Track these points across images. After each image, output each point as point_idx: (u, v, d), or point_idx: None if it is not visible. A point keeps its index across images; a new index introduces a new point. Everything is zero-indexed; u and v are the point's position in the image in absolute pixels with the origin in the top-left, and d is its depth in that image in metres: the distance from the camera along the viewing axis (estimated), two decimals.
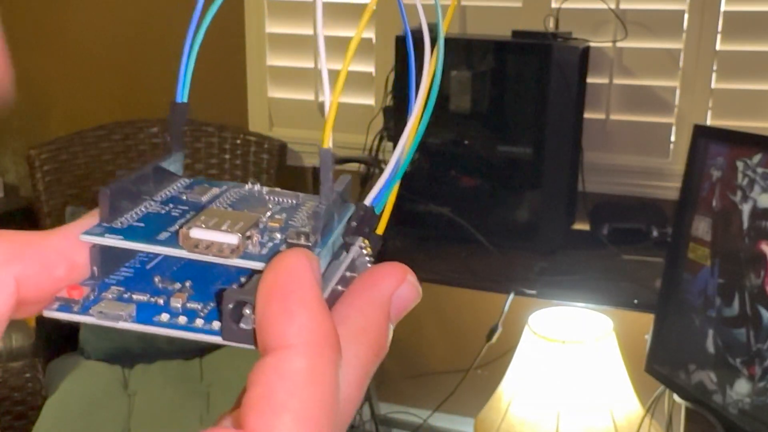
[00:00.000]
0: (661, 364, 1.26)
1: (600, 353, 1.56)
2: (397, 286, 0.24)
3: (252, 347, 0.22)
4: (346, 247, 0.25)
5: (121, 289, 0.23)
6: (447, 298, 2.00)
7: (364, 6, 0.29)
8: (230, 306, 0.22)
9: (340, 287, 0.24)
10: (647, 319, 1.31)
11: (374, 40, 2.08)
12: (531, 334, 1.60)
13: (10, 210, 2.52)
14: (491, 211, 1.76)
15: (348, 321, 0.23)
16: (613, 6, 1.84)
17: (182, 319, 0.23)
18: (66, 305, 0.23)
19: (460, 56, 1.76)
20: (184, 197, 0.27)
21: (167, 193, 0.27)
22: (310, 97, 2.20)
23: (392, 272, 0.24)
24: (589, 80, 1.82)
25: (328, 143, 0.25)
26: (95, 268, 0.23)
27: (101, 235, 0.23)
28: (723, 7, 1.80)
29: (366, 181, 2.04)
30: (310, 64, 2.16)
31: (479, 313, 1.86)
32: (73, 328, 1.92)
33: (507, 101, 1.76)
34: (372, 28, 2.08)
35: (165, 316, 0.23)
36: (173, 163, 0.28)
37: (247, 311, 0.22)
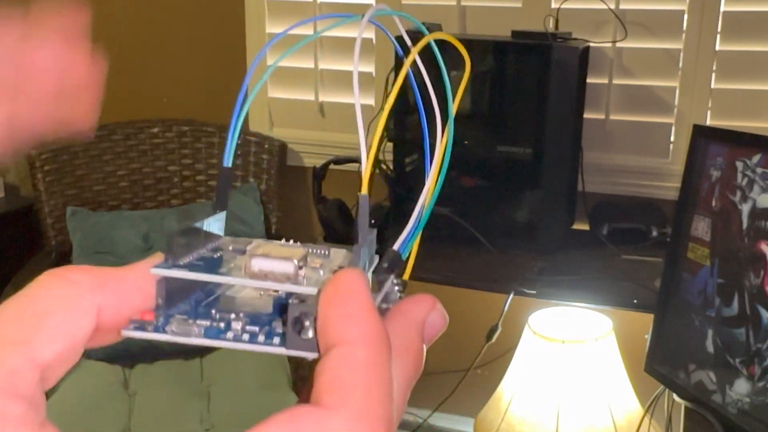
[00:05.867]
0: (661, 364, 1.26)
1: (600, 353, 1.56)
2: (428, 313, 0.28)
3: (314, 355, 0.24)
4: (379, 285, 0.28)
5: (185, 317, 0.27)
6: (447, 298, 1.98)
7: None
8: (294, 316, 0.25)
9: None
10: (647, 319, 1.31)
11: (374, 41, 2.08)
12: (531, 333, 1.60)
13: (10, 210, 2.52)
14: (491, 211, 1.76)
15: (392, 341, 0.25)
16: (612, 6, 1.84)
17: (245, 337, 0.26)
18: (141, 326, 0.26)
19: (459, 56, 1.76)
20: (230, 246, 0.30)
21: (214, 243, 0.30)
22: (311, 97, 2.20)
23: (423, 300, 0.28)
24: (589, 80, 1.83)
25: (366, 190, 0.28)
26: (160, 300, 0.27)
27: (169, 268, 0.27)
28: (723, 7, 1.80)
29: None
30: (310, 65, 2.16)
31: (479, 313, 1.86)
32: None
33: (507, 101, 1.76)
34: (372, 28, 2.08)
35: (230, 334, 0.26)
36: (216, 222, 0.31)
37: (307, 323, 0.25)
